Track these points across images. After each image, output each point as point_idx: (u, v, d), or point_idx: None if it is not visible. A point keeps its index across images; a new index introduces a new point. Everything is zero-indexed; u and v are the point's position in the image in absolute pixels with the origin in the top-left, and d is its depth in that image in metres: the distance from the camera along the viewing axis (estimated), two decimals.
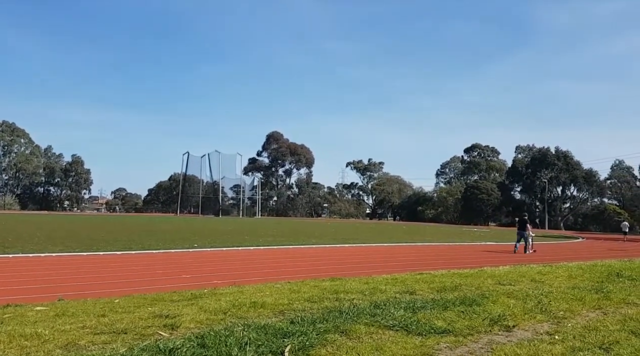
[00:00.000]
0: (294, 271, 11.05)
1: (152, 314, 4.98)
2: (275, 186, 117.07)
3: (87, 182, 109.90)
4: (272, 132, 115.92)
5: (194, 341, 3.85)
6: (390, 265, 12.75)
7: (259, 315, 5.16)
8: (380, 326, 4.63)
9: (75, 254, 13.91)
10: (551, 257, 17.05)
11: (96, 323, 4.55)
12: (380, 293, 6.67)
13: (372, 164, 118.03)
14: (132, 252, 14.83)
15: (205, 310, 5.25)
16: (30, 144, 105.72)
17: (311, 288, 7.12)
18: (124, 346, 3.74)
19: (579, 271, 10.58)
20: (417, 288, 7.21)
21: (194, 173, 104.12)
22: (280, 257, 15.14)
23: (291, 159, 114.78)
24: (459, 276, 8.98)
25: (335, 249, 18.58)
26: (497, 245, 24.94)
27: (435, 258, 15.78)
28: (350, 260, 14.69)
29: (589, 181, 79.74)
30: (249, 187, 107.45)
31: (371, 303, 5.68)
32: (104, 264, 12.09)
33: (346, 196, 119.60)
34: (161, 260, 13.23)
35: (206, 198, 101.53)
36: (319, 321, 4.69)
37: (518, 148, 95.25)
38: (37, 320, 4.82)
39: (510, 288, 7.72)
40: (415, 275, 9.28)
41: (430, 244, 23.26)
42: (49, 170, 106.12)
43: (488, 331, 4.82)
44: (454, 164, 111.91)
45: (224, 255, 15.10)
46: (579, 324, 5.34)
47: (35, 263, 11.77)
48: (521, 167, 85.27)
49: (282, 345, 3.83)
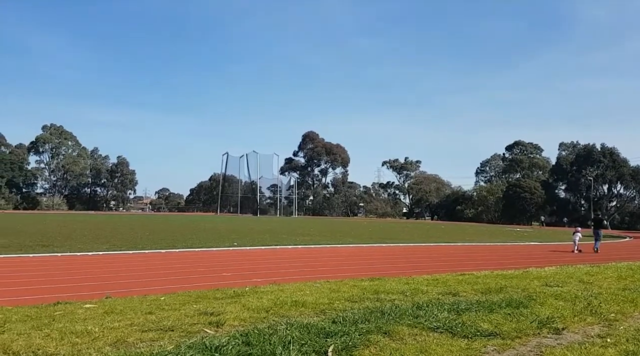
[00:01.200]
0: (333, 270, 11.05)
1: (197, 311, 5.08)
2: (311, 185, 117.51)
3: (132, 182, 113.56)
4: (308, 132, 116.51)
5: (238, 339, 3.90)
6: (431, 265, 12.56)
7: (301, 314, 5.18)
8: (423, 328, 4.55)
9: (121, 252, 14.36)
10: (599, 257, 16.40)
11: (144, 321, 4.67)
12: (422, 294, 6.57)
13: (408, 163, 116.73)
14: (176, 250, 15.19)
15: (248, 308, 5.31)
16: (78, 146, 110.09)
17: (351, 288, 7.09)
18: (171, 343, 3.83)
19: (629, 272, 10.14)
20: (460, 290, 7.06)
21: (233, 174, 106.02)
22: (318, 256, 15.17)
23: (327, 159, 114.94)
24: (504, 278, 8.75)
25: (373, 248, 18.47)
26: (541, 245, 24.19)
27: (477, 259, 15.44)
28: (389, 259, 14.57)
29: (637, 179, 76.26)
30: (285, 187, 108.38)
31: (413, 304, 5.60)
32: (149, 262, 12.44)
33: (382, 195, 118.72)
34: (203, 258, 13.50)
35: (244, 198, 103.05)
36: (360, 321, 4.66)
37: (562, 146, 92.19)
38: (87, 317, 4.99)
39: (557, 289, 7.46)
40: (457, 275, 9.10)
41: (471, 244, 22.79)
42: (95, 172, 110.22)
43: (536, 333, 4.67)
44: (495, 162, 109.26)
45: (262, 254, 15.26)
46: (632, 327, 5.11)
47: (83, 262, 12.22)
48: (565, 164, 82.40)
49: (325, 345, 3.83)
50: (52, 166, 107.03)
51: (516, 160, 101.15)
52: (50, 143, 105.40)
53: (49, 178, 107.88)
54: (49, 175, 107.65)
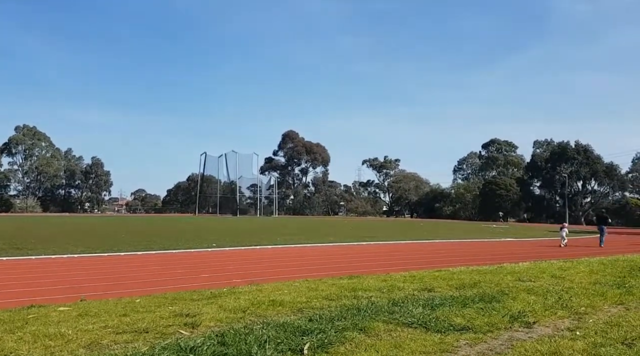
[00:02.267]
0: (312, 269, 11.09)
1: (173, 313, 5.06)
2: (291, 185, 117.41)
3: (107, 183, 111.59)
4: (288, 131, 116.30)
5: (214, 339, 3.90)
6: (408, 263, 12.70)
7: (278, 313, 5.20)
8: (398, 324, 4.62)
9: (96, 255, 14.15)
10: (572, 253, 16.80)
11: (118, 323, 4.63)
12: (398, 290, 6.65)
13: (388, 161, 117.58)
14: (152, 252, 15.03)
15: (224, 309, 5.30)
16: (51, 147, 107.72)
17: (329, 286, 7.14)
18: (146, 345, 3.81)
19: (601, 267, 10.42)
20: (436, 286, 7.17)
21: (212, 174, 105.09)
22: (297, 256, 15.18)
23: (307, 158, 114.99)
24: (478, 273, 8.91)
25: (353, 247, 18.57)
26: (517, 241, 24.65)
27: (453, 255, 15.66)
28: (368, 257, 14.67)
29: (610, 175, 78.28)
30: (265, 186, 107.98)
31: (389, 301, 5.67)
32: (125, 264, 12.29)
33: (363, 194, 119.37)
34: (181, 260, 13.38)
35: (224, 198, 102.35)
36: (337, 319, 4.71)
37: (536, 143, 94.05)
38: (61, 320, 4.93)
39: (530, 284, 7.63)
40: (433, 272, 9.23)
41: (448, 241, 23.10)
42: (69, 173, 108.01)
43: (508, 328, 4.78)
44: (472, 160, 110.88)
45: (242, 254, 15.21)
46: (601, 320, 5.27)
47: (57, 265, 12.01)
48: (540, 161, 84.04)
49: (301, 343, 3.86)
50: (26, 167, 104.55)
51: (492, 158, 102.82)
52: (24, 144, 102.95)
53: (22, 180, 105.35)
54: (22, 176, 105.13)
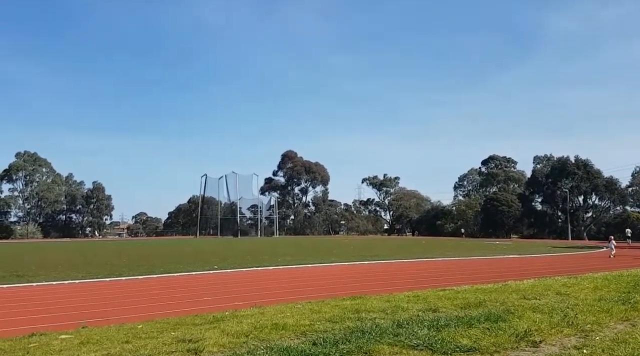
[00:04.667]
0: (314, 290, 11.01)
1: (175, 339, 5.01)
2: (292, 205, 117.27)
3: (109, 207, 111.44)
4: (287, 151, 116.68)
5: None
6: (411, 282, 12.61)
7: (281, 337, 5.15)
8: (403, 346, 4.57)
9: (97, 280, 14.07)
10: (576, 268, 16.69)
11: (120, 350, 4.58)
12: (403, 311, 6.59)
13: (387, 179, 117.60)
14: (154, 276, 14.94)
15: (227, 333, 5.25)
16: (52, 173, 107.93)
17: (332, 308, 7.08)
18: None
19: (605, 282, 10.34)
20: (440, 306, 7.11)
21: (212, 195, 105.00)
22: (299, 276, 15.09)
23: (306, 177, 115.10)
24: (483, 292, 8.84)
25: (355, 267, 18.47)
26: (520, 258, 24.51)
27: (457, 273, 15.56)
28: (370, 277, 14.58)
29: (611, 189, 78.20)
30: (266, 207, 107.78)
31: (394, 322, 5.62)
32: (126, 289, 12.21)
33: (363, 212, 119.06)
34: (182, 283, 13.30)
35: (225, 219, 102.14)
36: (341, 342, 4.66)
37: (536, 159, 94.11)
38: (62, 348, 4.88)
39: (535, 302, 7.58)
40: (437, 291, 9.17)
41: (452, 259, 22.97)
42: (70, 198, 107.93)
43: (515, 347, 4.73)
44: (472, 176, 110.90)
45: (243, 276, 15.12)
46: (607, 337, 5.21)
47: (58, 291, 11.93)
48: (541, 177, 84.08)
49: None
50: (26, 193, 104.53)
51: (492, 174, 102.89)
52: (24, 170, 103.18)
53: (22, 206, 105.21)
54: (23, 202, 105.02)
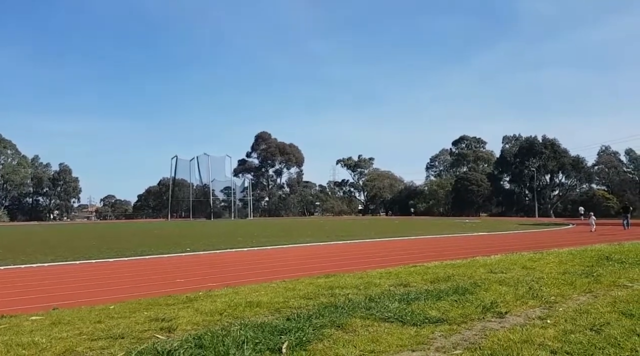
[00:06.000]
0: (289, 270, 11.09)
1: (148, 318, 5.00)
2: (266, 186, 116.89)
3: (76, 190, 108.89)
4: (261, 132, 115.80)
5: (191, 342, 3.88)
6: (384, 260, 12.83)
7: (255, 314, 5.19)
8: (375, 319, 4.68)
9: (67, 263, 13.82)
10: (542, 244, 17.25)
11: (93, 330, 4.55)
12: (375, 286, 6.73)
13: (362, 160, 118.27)
14: (125, 259, 14.76)
15: (201, 312, 5.27)
16: (17, 155, 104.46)
17: (306, 286, 7.16)
18: (122, 350, 3.77)
19: (570, 257, 10.73)
20: (411, 281, 7.28)
21: (184, 177, 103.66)
22: (274, 257, 15.15)
23: (281, 159, 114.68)
24: (452, 267, 9.07)
25: (329, 246, 18.64)
26: (489, 235, 25.16)
27: (428, 251, 15.89)
28: (344, 256, 14.75)
29: (577, 168, 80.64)
30: (239, 189, 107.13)
31: (366, 297, 5.74)
32: (97, 272, 12.04)
33: (338, 193, 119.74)
34: (154, 266, 13.20)
35: (197, 202, 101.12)
36: (314, 317, 4.74)
37: (505, 139, 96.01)
38: (33, 329, 4.82)
39: (502, 276, 7.82)
40: (408, 267, 9.36)
41: (422, 237, 23.41)
42: (36, 180, 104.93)
43: (481, 318, 4.90)
44: (443, 157, 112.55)
45: (217, 258, 15.09)
46: (570, 308, 5.44)
47: (27, 274, 11.69)
48: (509, 156, 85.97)
49: (279, 342, 3.87)
50: None
51: (462, 154, 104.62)
52: None
53: None
54: None
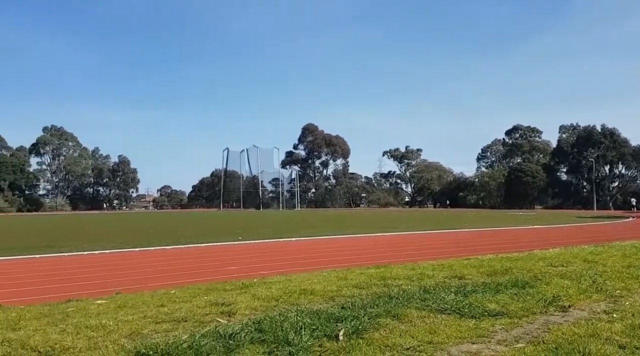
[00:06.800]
0: (338, 260, 11.13)
1: (209, 302, 5.16)
2: (312, 178, 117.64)
3: (135, 181, 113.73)
4: (307, 124, 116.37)
5: (251, 326, 3.97)
6: (435, 252, 12.64)
7: (310, 301, 5.25)
8: (431, 310, 4.63)
9: (127, 250, 14.45)
10: (603, 238, 16.47)
11: (156, 313, 4.74)
12: (428, 278, 6.64)
13: (409, 152, 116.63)
14: (181, 246, 15.28)
15: (257, 298, 5.38)
16: (79, 147, 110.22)
17: (358, 276, 7.16)
18: (186, 333, 3.90)
19: (634, 250, 10.20)
20: (466, 273, 7.14)
21: (234, 169, 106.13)
22: (322, 247, 15.26)
23: (327, 150, 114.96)
24: (508, 260, 8.82)
25: (377, 237, 18.56)
26: (545, 228, 24.28)
27: (481, 244, 15.52)
28: (393, 248, 14.65)
29: (638, 158, 76.28)
30: (287, 180, 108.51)
31: (420, 288, 5.67)
32: (155, 258, 12.54)
33: (384, 185, 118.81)
34: (208, 253, 13.60)
35: (247, 193, 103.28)
36: (369, 306, 4.74)
37: (562, 128, 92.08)
38: (100, 312, 5.07)
39: (562, 269, 7.54)
40: (461, 260, 9.17)
41: (474, 230, 22.88)
42: (97, 171, 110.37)
43: (543, 312, 4.74)
44: (495, 147, 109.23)
45: (267, 247, 15.35)
46: (637, 302, 5.18)
47: (89, 261, 12.31)
48: (566, 146, 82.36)
49: (335, 329, 3.90)
50: (54, 167, 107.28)
51: (516, 145, 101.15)
52: (51, 144, 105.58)
53: (51, 179, 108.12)
54: (51, 176, 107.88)
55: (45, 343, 3.76)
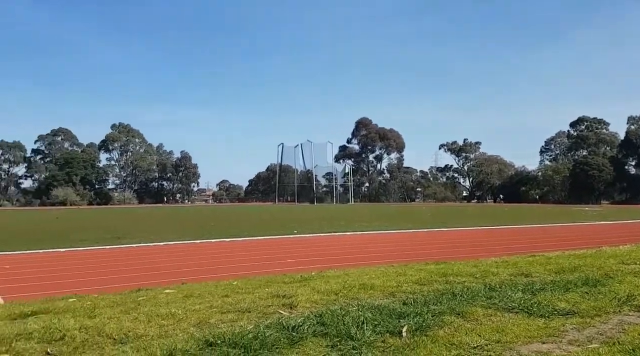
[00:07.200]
0: (395, 255, 11.03)
1: (270, 294, 5.26)
2: (366, 172, 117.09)
3: (196, 175, 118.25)
4: (361, 118, 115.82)
5: (313, 319, 4.01)
6: (496, 248, 12.26)
7: (370, 296, 5.23)
8: (498, 309, 4.49)
9: (190, 242, 15.01)
10: None
11: (222, 303, 4.89)
12: (493, 275, 6.44)
13: (467, 145, 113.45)
14: (239, 239, 15.69)
15: (317, 291, 5.42)
16: (144, 143, 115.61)
17: (417, 271, 7.05)
18: (250, 323, 4.00)
19: None
20: (532, 270, 6.86)
21: (289, 163, 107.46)
22: (377, 242, 15.18)
23: (381, 144, 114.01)
24: (577, 257, 8.41)
25: (434, 233, 18.23)
26: (614, 224, 22.96)
27: (545, 240, 14.91)
28: (452, 243, 14.34)
29: None
30: (340, 174, 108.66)
31: (484, 286, 5.51)
32: (216, 250, 12.96)
33: (440, 179, 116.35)
34: (266, 246, 13.89)
35: (301, 187, 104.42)
36: (432, 303, 4.66)
37: (630, 119, 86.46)
38: (169, 301, 5.28)
39: (636, 267, 7.09)
40: (526, 257, 8.84)
41: (538, 225, 21.98)
42: (161, 167, 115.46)
43: (617, 311, 4.49)
44: (560, 140, 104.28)
45: (323, 241, 15.46)
46: None
47: (155, 251, 12.89)
48: (635, 139, 77.44)
49: (398, 325, 3.86)
50: (122, 163, 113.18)
51: (582, 137, 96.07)
52: (119, 141, 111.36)
53: (119, 174, 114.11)
54: (119, 171, 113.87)
55: (120, 330, 3.96)
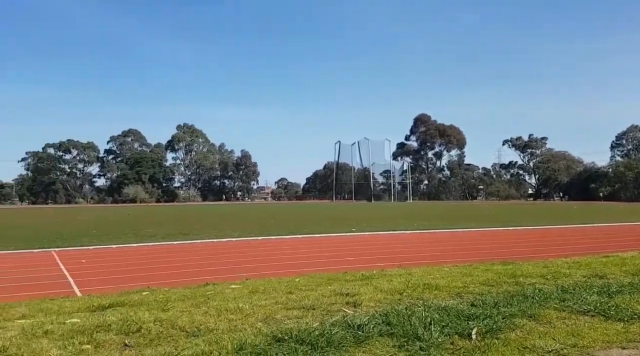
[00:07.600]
0: (457, 255, 10.77)
1: (333, 292, 5.28)
2: (425, 169, 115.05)
3: (255, 174, 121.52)
4: (419, 114, 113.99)
5: (378, 318, 3.98)
6: (566, 248, 11.69)
7: (435, 296, 5.13)
8: (572, 312, 4.27)
9: (251, 238, 15.38)
10: None
11: (286, 300, 4.97)
12: (565, 277, 6.13)
13: (533, 140, 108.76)
14: (299, 236, 15.88)
15: (380, 290, 5.38)
16: (207, 143, 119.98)
17: (483, 272, 6.84)
18: (315, 320, 4.03)
19: None
20: (607, 272, 6.48)
21: (346, 161, 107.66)
22: (439, 241, 14.88)
23: (440, 141, 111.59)
24: None
25: (499, 232, 17.62)
26: None
27: (618, 240, 14.04)
28: (518, 243, 13.81)
29: None
30: (398, 172, 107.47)
31: (557, 288, 5.26)
32: (277, 247, 13.20)
33: (504, 176, 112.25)
34: (325, 243, 13.97)
35: (358, 185, 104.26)
36: (502, 305, 4.49)
37: None
38: (236, 296, 5.42)
39: None
40: (600, 258, 8.35)
41: (610, 224, 20.72)
42: (223, 165, 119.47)
43: None
44: (632, 134, 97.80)
45: (382, 239, 15.35)
46: None
47: (219, 247, 13.31)
48: None
49: (467, 327, 3.76)
50: (187, 162, 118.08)
51: None
52: (184, 141, 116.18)
53: (184, 172, 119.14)
54: (184, 170, 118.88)
55: (192, 323, 4.11)
